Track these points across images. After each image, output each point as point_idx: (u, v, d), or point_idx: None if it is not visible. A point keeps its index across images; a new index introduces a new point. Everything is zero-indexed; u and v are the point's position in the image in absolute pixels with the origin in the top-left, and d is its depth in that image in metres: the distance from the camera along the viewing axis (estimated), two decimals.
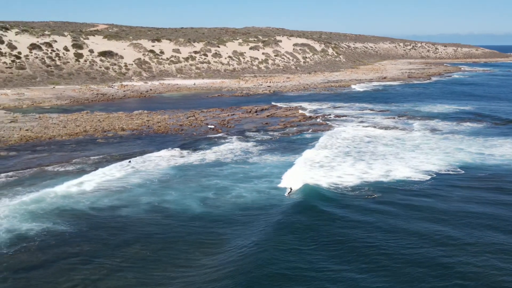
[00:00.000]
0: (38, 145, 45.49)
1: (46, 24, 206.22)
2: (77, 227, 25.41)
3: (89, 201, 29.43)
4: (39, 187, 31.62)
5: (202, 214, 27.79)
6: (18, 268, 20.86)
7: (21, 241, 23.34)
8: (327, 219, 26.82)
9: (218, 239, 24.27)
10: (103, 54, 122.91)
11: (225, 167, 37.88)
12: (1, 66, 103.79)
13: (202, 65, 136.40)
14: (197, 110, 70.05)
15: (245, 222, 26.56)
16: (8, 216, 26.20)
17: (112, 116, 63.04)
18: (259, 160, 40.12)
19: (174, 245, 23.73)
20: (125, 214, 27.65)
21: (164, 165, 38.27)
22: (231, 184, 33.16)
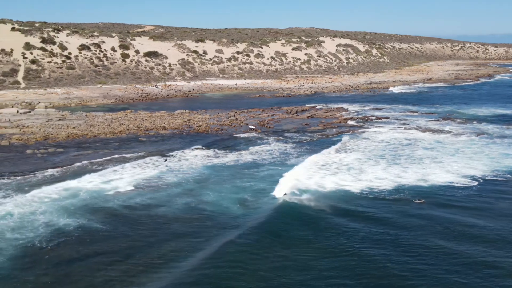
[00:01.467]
0: (83, 142, 47.22)
1: (96, 25, 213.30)
2: (112, 224, 26.11)
3: (126, 199, 30.07)
4: (79, 183, 32.75)
5: (241, 216, 28.07)
6: (57, 262, 21.77)
7: (60, 236, 24.22)
8: (364, 220, 26.78)
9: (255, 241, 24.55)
10: (148, 54, 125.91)
11: (262, 168, 38.01)
12: (53, 66, 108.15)
13: (244, 65, 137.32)
14: (237, 110, 70.66)
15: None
16: (46, 211, 27.26)
17: (154, 115, 64.54)
18: (296, 162, 40.00)
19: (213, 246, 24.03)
20: (161, 213, 28.14)
21: (200, 164, 38.73)
22: (268, 187, 33.08)
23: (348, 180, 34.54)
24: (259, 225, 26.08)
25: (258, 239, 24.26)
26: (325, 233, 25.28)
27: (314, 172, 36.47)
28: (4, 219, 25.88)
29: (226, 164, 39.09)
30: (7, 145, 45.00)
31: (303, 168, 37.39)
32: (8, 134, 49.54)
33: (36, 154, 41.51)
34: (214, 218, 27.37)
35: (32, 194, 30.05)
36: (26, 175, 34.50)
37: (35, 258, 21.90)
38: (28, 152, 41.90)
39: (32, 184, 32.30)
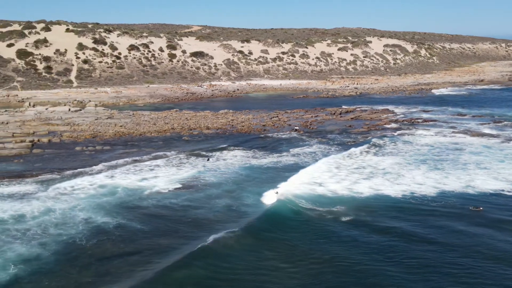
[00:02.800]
0: (129, 140, 48.56)
1: (146, 26, 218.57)
2: (150, 224, 26.51)
3: (164, 198, 30.44)
4: (119, 181, 33.65)
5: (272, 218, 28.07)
6: (98, 258, 22.38)
7: (99, 233, 24.84)
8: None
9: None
10: (195, 54, 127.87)
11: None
12: (103, 66, 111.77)
13: (289, 65, 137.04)
14: (281, 111, 70.64)
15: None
16: (84, 208, 28.06)
17: (199, 115, 65.51)
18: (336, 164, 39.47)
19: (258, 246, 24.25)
20: (199, 214, 28.40)
21: (238, 165, 38.68)
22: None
23: (384, 184, 33.72)
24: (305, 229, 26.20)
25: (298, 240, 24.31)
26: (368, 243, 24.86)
27: (347, 175, 35.78)
28: (48, 214, 26.95)
29: (265, 165, 39.06)
30: (58, 142, 46.92)
31: (343, 171, 36.91)
32: (60, 132, 51.64)
33: (84, 151, 43.10)
34: (249, 219, 27.51)
35: (73, 191, 31.18)
36: (72, 171, 35.82)
37: (77, 254, 22.64)
38: (77, 149, 43.57)
39: (74, 181, 33.45)
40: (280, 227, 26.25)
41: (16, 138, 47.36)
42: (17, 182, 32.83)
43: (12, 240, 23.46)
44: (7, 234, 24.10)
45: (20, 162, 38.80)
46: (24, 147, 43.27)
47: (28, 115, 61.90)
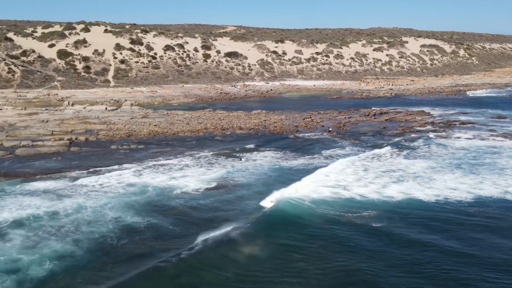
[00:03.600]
0: (163, 140, 49.29)
1: (181, 26, 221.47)
2: (181, 225, 26.63)
3: (193, 199, 30.51)
4: (148, 180, 34.13)
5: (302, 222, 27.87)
6: (129, 257, 22.66)
7: (130, 233, 25.05)
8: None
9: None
10: (229, 54, 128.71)
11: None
12: (140, 66, 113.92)
13: (323, 66, 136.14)
14: (314, 112, 70.27)
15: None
16: (114, 207, 28.46)
17: (232, 115, 65.88)
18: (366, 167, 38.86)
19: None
20: (229, 213, 28.45)
21: (267, 166, 38.42)
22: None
23: (415, 188, 32.83)
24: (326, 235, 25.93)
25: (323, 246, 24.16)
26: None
27: (374, 178, 35.04)
28: (80, 212, 27.58)
29: (295, 167, 38.65)
30: (95, 140, 48.10)
31: (370, 174, 36.28)
32: (96, 130, 52.94)
33: (119, 149, 44.04)
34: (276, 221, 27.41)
35: (102, 188, 31.83)
36: (105, 168, 36.61)
37: (109, 252, 22.99)
38: (112, 148, 44.56)
39: (106, 178, 34.16)
40: (304, 232, 25.92)
41: (55, 136, 48.84)
42: (52, 179, 33.76)
43: (47, 236, 24.14)
44: (44, 230, 24.80)
45: (58, 159, 39.98)
46: (62, 145, 44.56)
47: (67, 113, 63.71)
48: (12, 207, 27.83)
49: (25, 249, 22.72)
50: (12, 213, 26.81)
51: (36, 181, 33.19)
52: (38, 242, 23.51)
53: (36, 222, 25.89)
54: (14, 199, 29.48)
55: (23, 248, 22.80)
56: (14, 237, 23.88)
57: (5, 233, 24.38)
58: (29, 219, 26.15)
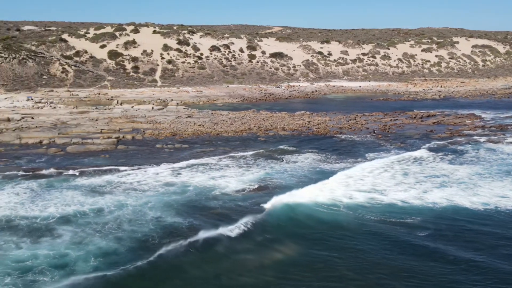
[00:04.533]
0: (207, 139, 49.94)
1: (228, 27, 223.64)
2: (221, 225, 26.74)
3: (232, 199, 30.48)
4: (188, 179, 34.56)
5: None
6: (169, 256, 22.97)
7: (171, 233, 25.26)
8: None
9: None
10: (274, 55, 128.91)
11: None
12: (186, 66, 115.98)
13: (369, 67, 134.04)
14: (359, 113, 69.32)
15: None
16: (154, 206, 28.82)
17: (275, 116, 65.92)
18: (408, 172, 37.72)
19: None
20: (270, 217, 28.17)
21: (308, 169, 37.96)
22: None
23: (459, 194, 31.59)
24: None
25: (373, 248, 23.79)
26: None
27: (415, 183, 34.05)
28: (121, 209, 28.25)
29: (336, 170, 37.91)
30: (141, 139, 49.35)
31: (410, 179, 35.26)
32: (143, 129, 54.29)
33: (164, 148, 44.99)
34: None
35: (145, 187, 32.50)
36: (148, 167, 37.53)
37: (150, 252, 23.21)
38: (157, 147, 45.57)
39: (148, 176, 34.97)
40: (342, 236, 25.54)
41: (104, 134, 50.47)
42: (96, 176, 34.89)
43: (93, 233, 24.88)
44: (90, 227, 25.58)
45: (105, 157, 41.29)
46: (110, 143, 45.98)
47: (115, 112, 65.66)
48: (57, 202, 28.95)
49: (73, 244, 23.52)
50: (58, 209, 27.87)
51: (81, 177, 34.41)
52: (84, 238, 24.23)
53: (82, 218, 26.75)
54: (60, 193, 30.71)
55: (71, 243, 23.60)
56: (63, 233, 24.76)
57: (53, 229, 25.32)
58: (75, 216, 27.08)
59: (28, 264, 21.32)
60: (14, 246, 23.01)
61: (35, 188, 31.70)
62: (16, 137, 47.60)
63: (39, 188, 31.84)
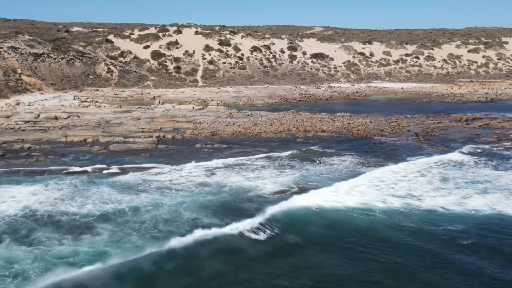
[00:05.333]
0: (245, 140, 50.15)
1: (269, 28, 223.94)
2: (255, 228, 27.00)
3: (267, 201, 30.28)
4: (222, 179, 34.78)
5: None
6: (205, 260, 23.36)
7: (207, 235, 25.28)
8: None
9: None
10: (315, 56, 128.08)
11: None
12: (227, 67, 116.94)
13: (412, 68, 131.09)
14: (400, 116, 67.89)
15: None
16: (188, 207, 28.96)
17: (315, 117, 65.46)
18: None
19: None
20: (308, 222, 28.11)
21: (345, 172, 37.28)
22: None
23: (502, 202, 30.25)
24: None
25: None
26: None
27: (454, 189, 32.88)
28: (158, 209, 28.62)
29: (371, 174, 36.99)
30: (181, 139, 50.11)
31: (450, 184, 34.06)
32: (183, 129, 55.11)
33: (203, 148, 45.50)
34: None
35: (181, 186, 32.91)
36: (186, 166, 38.05)
37: (185, 252, 23.40)
38: (197, 147, 46.15)
39: (185, 176, 35.43)
40: (379, 244, 24.94)
41: (145, 133, 51.55)
42: (135, 174, 35.70)
43: (131, 232, 25.36)
44: (128, 226, 26.06)
45: (146, 156, 42.15)
46: (151, 142, 46.91)
47: (157, 112, 66.95)
48: (95, 199, 29.76)
49: (111, 242, 24.06)
50: (96, 206, 28.63)
51: (120, 175, 35.31)
52: (123, 237, 24.65)
53: (121, 217, 27.20)
54: (98, 190, 31.68)
55: (109, 242, 24.15)
56: (102, 231, 25.24)
57: (92, 226, 25.88)
58: (114, 214, 27.63)
59: (70, 260, 21.98)
60: (57, 242, 23.76)
61: (77, 184, 32.86)
62: (62, 135, 49.32)
63: (81, 184, 32.94)
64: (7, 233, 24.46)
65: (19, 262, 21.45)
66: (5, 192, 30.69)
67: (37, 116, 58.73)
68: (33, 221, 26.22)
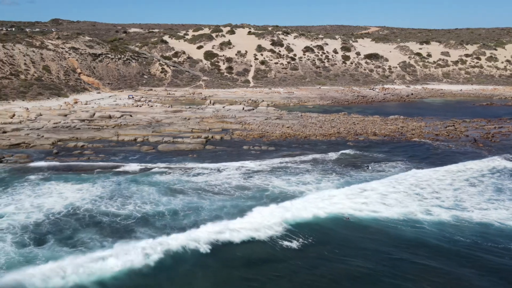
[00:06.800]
0: (294, 142, 49.34)
1: (323, 28, 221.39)
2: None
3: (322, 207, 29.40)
4: (266, 184, 34.14)
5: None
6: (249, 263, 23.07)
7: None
8: None
9: None
10: (369, 56, 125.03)
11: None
12: (278, 67, 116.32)
13: (472, 69, 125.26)
14: (458, 119, 64.83)
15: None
16: (229, 212, 28.33)
17: (367, 120, 63.69)
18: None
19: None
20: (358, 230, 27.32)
21: (393, 180, 35.34)
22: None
23: None
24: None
25: None
26: None
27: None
28: (196, 213, 28.31)
29: (421, 181, 35.15)
30: (229, 140, 49.98)
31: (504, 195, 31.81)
32: (232, 130, 55.01)
33: (250, 150, 45.09)
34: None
35: (222, 187, 32.83)
36: (229, 168, 37.97)
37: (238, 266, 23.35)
38: (244, 148, 45.81)
39: (227, 177, 35.32)
40: (429, 257, 23.62)
41: (194, 133, 51.86)
42: (175, 174, 36.11)
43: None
44: (166, 232, 25.98)
45: (193, 157, 42.25)
46: (199, 143, 47.06)
47: (207, 112, 67.37)
48: (136, 199, 30.14)
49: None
50: (136, 207, 28.78)
51: (165, 175, 35.63)
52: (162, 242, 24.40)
53: (159, 221, 26.99)
54: (138, 188, 32.26)
55: None
56: (140, 236, 25.03)
57: (132, 230, 25.78)
58: (154, 217, 27.50)
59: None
60: (99, 244, 23.93)
61: (121, 182, 33.53)
62: (114, 134, 50.46)
63: (125, 182, 33.61)
64: (52, 233, 24.86)
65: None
66: (54, 189, 31.68)
67: (93, 115, 60.52)
68: (76, 220, 26.65)
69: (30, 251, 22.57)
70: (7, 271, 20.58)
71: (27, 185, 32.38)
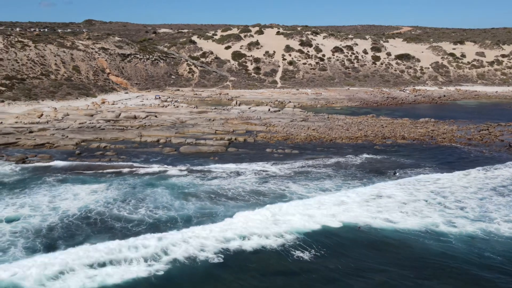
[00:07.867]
0: (318, 145, 48.00)
1: (354, 27, 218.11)
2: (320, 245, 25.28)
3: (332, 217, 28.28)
4: (287, 189, 33.21)
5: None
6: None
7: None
8: None
9: None
10: (400, 57, 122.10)
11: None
12: (307, 68, 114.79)
13: (509, 70, 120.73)
14: (493, 123, 62.23)
15: None
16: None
17: (396, 122, 61.80)
18: None
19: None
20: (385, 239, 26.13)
21: (418, 187, 33.74)
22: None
23: None
24: None
25: None
26: None
27: None
28: (209, 218, 27.49)
29: (444, 190, 33.39)
30: (252, 142, 49.04)
31: None
32: (256, 131, 54.08)
33: (273, 153, 44.00)
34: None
35: (233, 193, 31.99)
36: (250, 172, 36.97)
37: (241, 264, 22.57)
38: (267, 151, 44.78)
39: (242, 183, 34.42)
40: (460, 274, 22.39)
41: (217, 135, 51.19)
42: (189, 177, 35.47)
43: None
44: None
45: (215, 159, 41.47)
46: (221, 145, 46.33)
47: (232, 113, 66.68)
48: (149, 203, 29.56)
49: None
50: (147, 211, 28.18)
51: (183, 178, 35.16)
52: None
53: (170, 228, 26.07)
54: (153, 190, 31.84)
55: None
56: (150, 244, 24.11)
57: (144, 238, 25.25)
58: (166, 224, 26.70)
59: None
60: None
61: (137, 185, 33.12)
62: (138, 135, 50.27)
63: (141, 185, 33.20)
64: (63, 238, 24.45)
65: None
66: (70, 190, 31.45)
67: (118, 115, 60.67)
68: (87, 225, 26.23)
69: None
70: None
71: (45, 186, 32.37)
